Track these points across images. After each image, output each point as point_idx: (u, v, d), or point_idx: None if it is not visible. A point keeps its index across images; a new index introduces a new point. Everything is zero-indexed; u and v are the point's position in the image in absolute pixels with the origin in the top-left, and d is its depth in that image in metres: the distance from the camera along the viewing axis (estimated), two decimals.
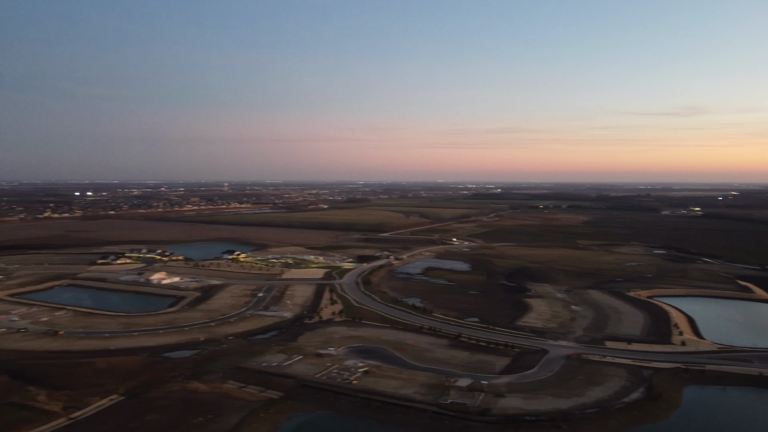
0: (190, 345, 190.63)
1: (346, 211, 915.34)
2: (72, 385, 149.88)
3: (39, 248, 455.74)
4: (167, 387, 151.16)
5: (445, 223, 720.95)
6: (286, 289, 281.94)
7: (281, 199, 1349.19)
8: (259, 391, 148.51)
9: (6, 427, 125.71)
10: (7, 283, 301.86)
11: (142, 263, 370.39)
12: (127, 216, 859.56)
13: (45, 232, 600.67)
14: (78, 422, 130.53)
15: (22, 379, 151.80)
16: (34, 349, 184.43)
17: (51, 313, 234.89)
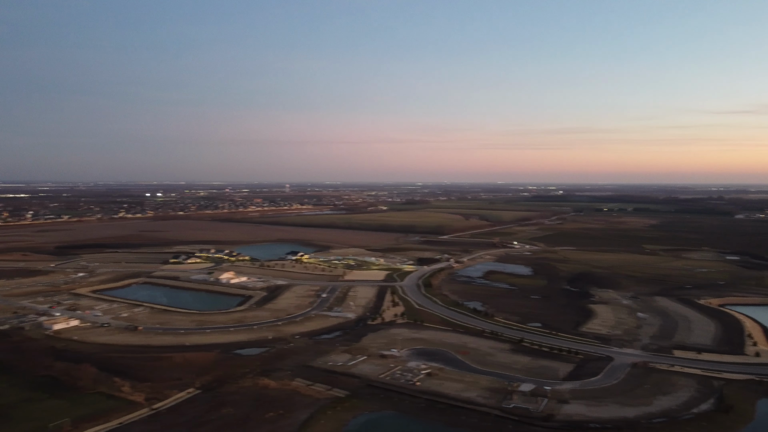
0: (259, 343, 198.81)
1: (406, 213, 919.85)
2: (153, 378, 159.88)
3: (116, 247, 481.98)
4: (239, 383, 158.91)
5: (505, 226, 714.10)
6: (349, 291, 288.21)
7: (341, 201, 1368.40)
8: (326, 389, 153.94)
9: (96, 414, 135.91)
10: (89, 280, 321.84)
11: (211, 263, 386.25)
12: (195, 216, 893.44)
13: (120, 231, 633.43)
14: (159, 413, 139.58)
15: (108, 370, 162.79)
16: (117, 343, 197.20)
17: (130, 309, 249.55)
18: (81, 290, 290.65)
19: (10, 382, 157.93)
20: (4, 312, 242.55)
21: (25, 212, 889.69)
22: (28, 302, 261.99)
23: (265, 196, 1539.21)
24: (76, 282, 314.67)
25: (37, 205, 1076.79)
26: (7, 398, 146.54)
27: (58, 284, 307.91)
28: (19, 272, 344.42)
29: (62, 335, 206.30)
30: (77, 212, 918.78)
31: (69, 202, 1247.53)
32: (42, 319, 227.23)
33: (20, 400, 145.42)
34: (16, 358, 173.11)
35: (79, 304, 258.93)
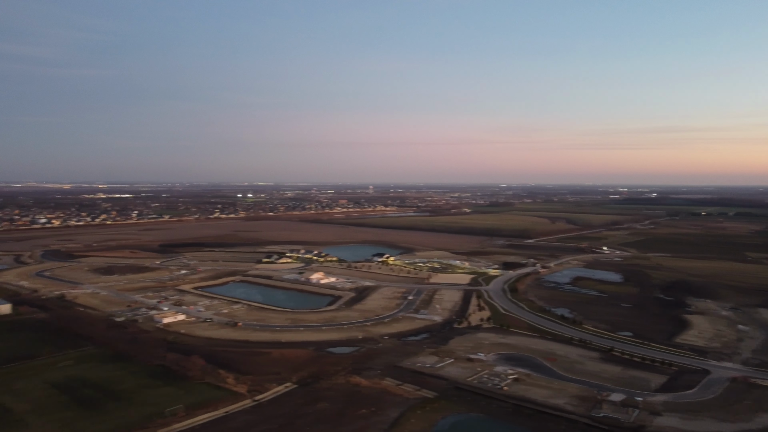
0: (349, 342, 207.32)
1: (490, 216, 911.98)
2: (254, 371, 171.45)
3: (213, 246, 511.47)
4: (333, 379, 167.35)
5: (594, 230, 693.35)
6: (435, 294, 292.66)
7: (424, 202, 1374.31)
8: (415, 390, 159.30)
9: (205, 403, 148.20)
10: (191, 277, 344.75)
11: (301, 263, 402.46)
12: (284, 217, 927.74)
13: (216, 231, 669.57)
14: (261, 404, 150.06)
15: (214, 362, 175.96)
16: (220, 337, 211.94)
17: (229, 306, 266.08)
18: (184, 287, 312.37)
19: (129, 369, 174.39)
20: (120, 305, 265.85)
21: (131, 212, 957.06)
22: (140, 297, 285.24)
23: (350, 198, 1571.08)
24: (179, 279, 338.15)
25: (140, 205, 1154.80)
26: (128, 384, 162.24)
27: (164, 280, 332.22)
28: (130, 268, 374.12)
29: (171, 328, 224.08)
30: (177, 212, 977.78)
31: (169, 202, 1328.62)
32: (152, 312, 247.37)
33: (139, 386, 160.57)
34: (133, 348, 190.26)
35: (184, 299, 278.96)
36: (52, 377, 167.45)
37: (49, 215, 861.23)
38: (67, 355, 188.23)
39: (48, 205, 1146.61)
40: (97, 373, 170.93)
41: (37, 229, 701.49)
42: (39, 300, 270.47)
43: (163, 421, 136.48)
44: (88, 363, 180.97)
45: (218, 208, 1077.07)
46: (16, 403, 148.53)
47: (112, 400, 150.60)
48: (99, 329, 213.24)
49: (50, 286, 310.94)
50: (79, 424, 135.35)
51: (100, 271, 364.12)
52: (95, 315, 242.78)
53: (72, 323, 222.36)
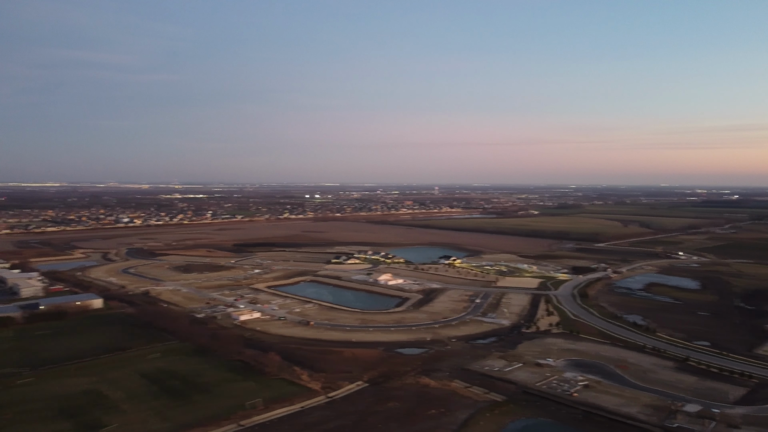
0: (418, 343, 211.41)
1: (558, 218, 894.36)
2: (327, 369, 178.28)
3: (283, 246, 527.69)
4: (402, 380, 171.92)
5: (669, 234, 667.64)
6: (502, 297, 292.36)
7: (490, 204, 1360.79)
8: (484, 393, 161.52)
9: (282, 397, 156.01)
10: (264, 276, 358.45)
11: (368, 264, 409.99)
12: (351, 218, 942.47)
13: (285, 231, 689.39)
14: (335, 401, 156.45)
15: (289, 359, 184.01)
16: (293, 336, 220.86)
17: (301, 305, 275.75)
18: (258, 285, 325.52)
19: (211, 363, 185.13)
20: (199, 302, 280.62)
21: (205, 212, 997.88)
22: (217, 294, 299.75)
23: (415, 199, 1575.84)
24: (253, 278, 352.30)
25: (214, 206, 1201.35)
26: (210, 377, 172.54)
27: (239, 279, 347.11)
28: (207, 267, 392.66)
29: (247, 325, 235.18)
30: (248, 212, 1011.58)
31: (240, 202, 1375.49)
32: (230, 310, 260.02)
33: (220, 380, 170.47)
34: (214, 344, 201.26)
35: (258, 298, 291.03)
36: (142, 368, 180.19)
37: (131, 214, 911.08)
38: (155, 348, 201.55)
39: (129, 204, 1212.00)
40: (182, 366, 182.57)
41: (121, 227, 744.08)
42: (126, 296, 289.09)
43: (244, 413, 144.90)
44: (174, 356, 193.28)
45: (287, 208, 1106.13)
46: (112, 390, 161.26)
47: (196, 391, 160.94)
48: (182, 325, 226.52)
49: (136, 283, 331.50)
50: (169, 412, 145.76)
51: (179, 269, 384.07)
52: (177, 311, 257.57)
53: (157, 318, 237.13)
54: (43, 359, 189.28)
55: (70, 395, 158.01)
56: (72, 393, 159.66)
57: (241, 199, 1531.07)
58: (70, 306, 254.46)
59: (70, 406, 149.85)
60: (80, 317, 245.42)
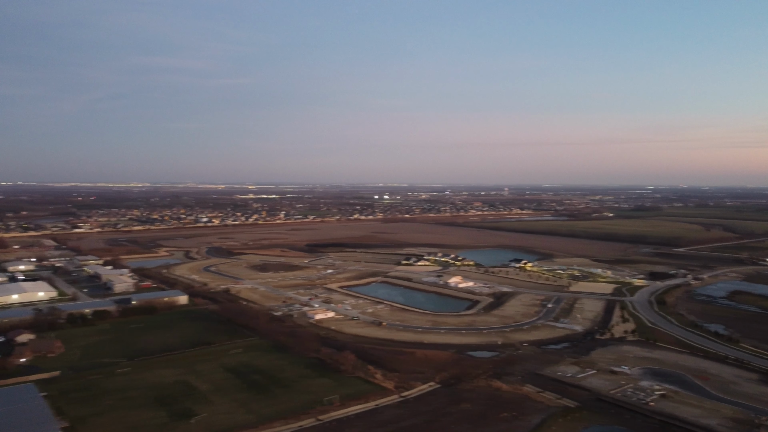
0: (489, 347, 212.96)
1: (635, 221, 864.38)
2: (400, 369, 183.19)
3: (354, 247, 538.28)
4: (474, 382, 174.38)
5: (757, 239, 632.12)
6: (575, 303, 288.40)
7: (562, 206, 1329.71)
8: (556, 398, 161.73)
9: (357, 395, 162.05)
10: (336, 276, 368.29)
11: (438, 266, 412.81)
12: (419, 219, 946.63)
13: (356, 232, 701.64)
14: (408, 400, 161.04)
15: (363, 358, 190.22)
16: (366, 335, 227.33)
17: (373, 305, 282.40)
18: (331, 285, 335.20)
19: (289, 360, 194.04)
20: (276, 300, 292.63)
21: (278, 212, 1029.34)
22: (293, 293, 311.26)
23: (484, 200, 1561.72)
24: (326, 278, 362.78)
25: (286, 206, 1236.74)
26: (289, 373, 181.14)
27: (313, 279, 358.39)
28: (282, 266, 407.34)
29: (322, 324, 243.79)
30: (319, 213, 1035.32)
31: (311, 203, 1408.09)
32: (305, 309, 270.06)
33: (298, 376, 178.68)
34: (292, 341, 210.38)
35: (332, 297, 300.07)
36: (226, 362, 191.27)
37: (209, 214, 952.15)
38: (236, 343, 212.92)
39: (207, 205, 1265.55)
40: (262, 361, 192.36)
41: (200, 227, 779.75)
42: (209, 293, 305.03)
43: (321, 409, 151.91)
44: (254, 351, 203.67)
45: (357, 209, 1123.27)
46: (199, 382, 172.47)
47: (277, 386, 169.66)
48: (261, 322, 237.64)
49: (216, 281, 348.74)
50: (252, 405, 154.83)
51: (256, 268, 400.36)
52: (256, 309, 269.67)
53: (238, 315, 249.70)
54: (138, 350, 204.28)
55: (163, 385, 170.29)
56: (164, 383, 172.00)
57: (312, 200, 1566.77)
58: (159, 301, 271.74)
59: (163, 395, 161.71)
60: (168, 312, 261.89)
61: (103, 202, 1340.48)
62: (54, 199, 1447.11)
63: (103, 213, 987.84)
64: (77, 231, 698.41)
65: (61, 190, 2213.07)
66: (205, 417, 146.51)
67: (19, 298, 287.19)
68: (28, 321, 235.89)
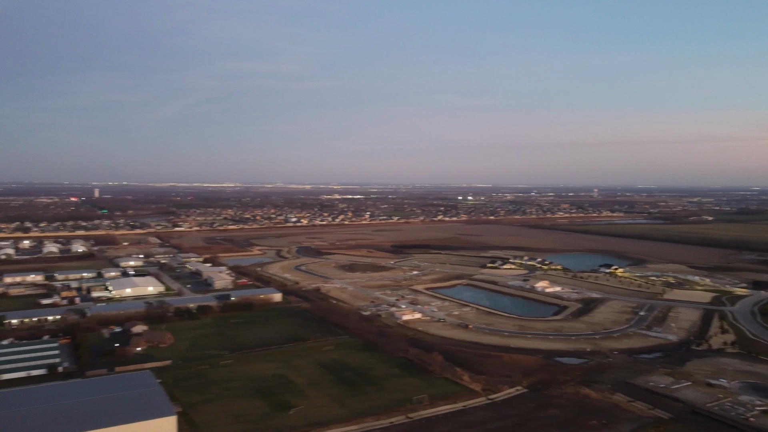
0: (577, 353, 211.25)
1: (737, 226, 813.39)
2: (487, 372, 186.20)
3: (439, 248, 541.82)
4: (562, 388, 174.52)
5: None
6: (669, 311, 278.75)
7: (656, 208, 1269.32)
8: (648, 408, 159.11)
9: (445, 395, 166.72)
10: (421, 278, 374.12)
11: (524, 270, 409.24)
12: (504, 221, 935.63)
13: (440, 233, 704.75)
14: (495, 403, 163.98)
15: (450, 360, 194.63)
16: (453, 337, 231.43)
17: (459, 308, 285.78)
18: (417, 287, 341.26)
19: (379, 358, 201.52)
20: (364, 300, 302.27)
21: (363, 213, 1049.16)
22: (380, 294, 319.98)
23: (572, 202, 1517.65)
24: (412, 279, 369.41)
25: (371, 207, 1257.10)
26: (379, 371, 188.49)
27: (399, 280, 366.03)
28: (369, 267, 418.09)
29: (409, 325, 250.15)
30: (403, 214, 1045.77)
31: (395, 203, 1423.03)
32: (392, 309, 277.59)
33: (388, 375, 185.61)
34: (381, 340, 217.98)
35: (418, 299, 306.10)
36: (319, 358, 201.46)
37: (298, 214, 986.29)
38: (329, 341, 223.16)
39: (295, 205, 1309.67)
40: (353, 359, 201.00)
41: (290, 227, 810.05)
42: (301, 291, 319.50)
43: (411, 407, 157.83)
44: (346, 349, 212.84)
45: (441, 210, 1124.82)
46: (296, 377, 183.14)
47: (368, 383, 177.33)
48: (352, 321, 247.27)
49: (307, 280, 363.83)
50: (346, 400, 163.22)
51: (344, 268, 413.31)
52: (346, 308, 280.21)
53: (329, 314, 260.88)
54: (238, 344, 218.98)
55: (262, 377, 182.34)
56: (264, 376, 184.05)
57: (396, 200, 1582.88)
58: (255, 298, 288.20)
59: (263, 387, 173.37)
60: (264, 309, 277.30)
61: (199, 202, 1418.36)
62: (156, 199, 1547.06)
63: (200, 212, 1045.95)
64: (178, 229, 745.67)
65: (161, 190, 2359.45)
66: (302, 409, 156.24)
67: (132, 292, 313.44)
68: (142, 313, 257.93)
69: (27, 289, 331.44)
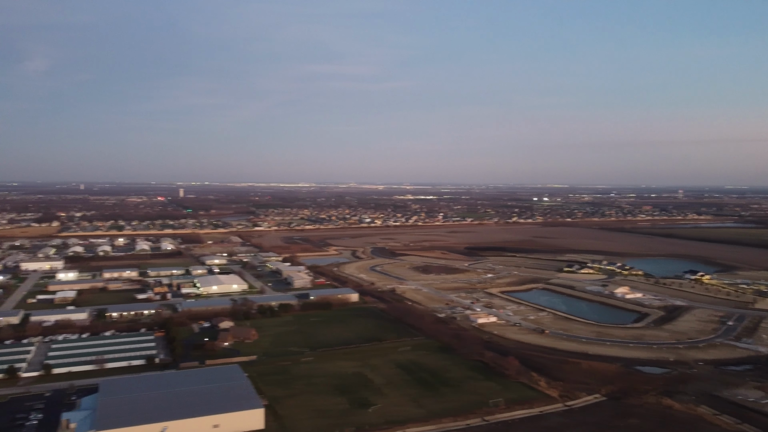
0: (659, 363, 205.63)
1: None
2: (564, 378, 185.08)
3: (513, 251, 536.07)
4: (643, 398, 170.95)
5: None
6: (761, 321, 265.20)
7: (748, 211, 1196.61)
8: (735, 423, 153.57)
9: (522, 400, 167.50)
10: (497, 281, 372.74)
11: (603, 274, 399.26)
12: (582, 224, 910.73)
13: (514, 236, 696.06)
14: (572, 410, 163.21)
15: (526, 365, 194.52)
16: (529, 342, 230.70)
17: (535, 312, 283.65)
18: (492, 290, 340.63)
19: (454, 361, 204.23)
20: (439, 302, 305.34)
21: (437, 214, 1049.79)
22: (454, 296, 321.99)
23: (655, 203, 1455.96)
24: (486, 282, 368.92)
25: (444, 208, 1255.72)
26: (455, 373, 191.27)
27: (473, 282, 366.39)
28: (443, 269, 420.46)
29: (485, 328, 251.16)
30: (477, 215, 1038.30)
31: (469, 204, 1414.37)
32: (467, 312, 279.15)
33: (463, 377, 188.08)
34: (456, 343, 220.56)
35: (493, 302, 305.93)
36: (396, 359, 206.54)
37: (371, 215, 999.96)
38: (405, 341, 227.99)
39: (369, 205, 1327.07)
40: (429, 360, 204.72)
41: (364, 227, 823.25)
42: (376, 292, 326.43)
43: (487, 410, 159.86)
44: (421, 351, 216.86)
45: (515, 212, 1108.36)
46: (374, 376, 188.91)
47: (443, 385, 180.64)
48: (427, 323, 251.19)
49: (383, 281, 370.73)
50: (422, 400, 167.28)
51: (418, 270, 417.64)
52: (421, 310, 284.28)
53: (405, 315, 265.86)
54: (318, 342, 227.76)
55: (342, 375, 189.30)
56: (343, 373, 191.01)
57: (469, 201, 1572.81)
58: (333, 298, 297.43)
59: (343, 385, 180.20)
60: (342, 308, 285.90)
61: (276, 202, 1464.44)
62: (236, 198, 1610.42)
63: (277, 212, 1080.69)
64: (257, 229, 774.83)
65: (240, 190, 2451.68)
66: (380, 407, 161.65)
67: (218, 289, 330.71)
68: (228, 310, 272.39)
69: (123, 284, 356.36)
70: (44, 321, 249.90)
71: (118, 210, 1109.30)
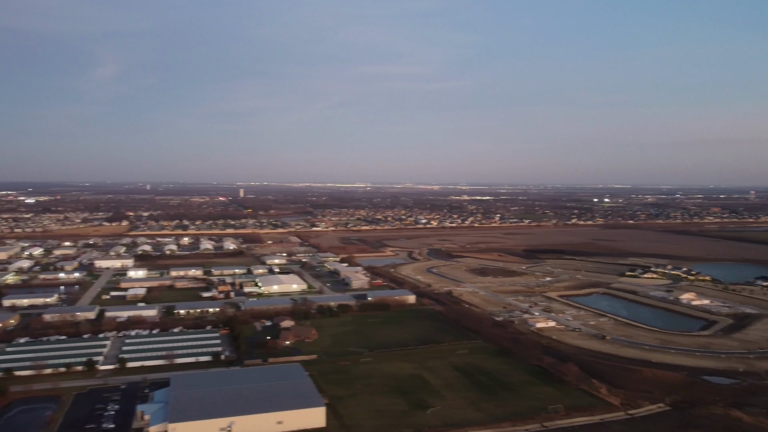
0: (727, 373, 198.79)
1: None
2: (625, 386, 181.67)
3: (572, 254, 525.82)
4: (709, 409, 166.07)
5: None
6: None
7: None
8: None
9: (582, 407, 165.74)
10: (555, 285, 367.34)
11: (667, 279, 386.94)
12: (645, 226, 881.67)
13: (573, 238, 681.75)
14: (634, 418, 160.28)
15: (586, 371, 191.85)
16: (589, 348, 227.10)
17: (596, 318, 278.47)
18: (551, 294, 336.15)
19: (513, 365, 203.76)
20: (496, 305, 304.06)
21: (493, 215, 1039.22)
22: (512, 299, 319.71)
23: (724, 205, 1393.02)
24: (545, 285, 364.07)
25: (501, 209, 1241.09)
26: (513, 378, 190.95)
27: (531, 286, 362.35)
28: (500, 271, 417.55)
29: (543, 333, 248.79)
30: (535, 216, 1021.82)
31: (526, 205, 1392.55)
32: (525, 316, 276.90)
33: (522, 382, 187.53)
34: (515, 347, 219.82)
35: (552, 307, 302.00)
36: (454, 361, 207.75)
37: (427, 216, 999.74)
38: (462, 344, 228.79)
39: (424, 206, 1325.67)
40: (487, 364, 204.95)
41: (420, 228, 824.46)
42: (433, 294, 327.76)
43: (546, 416, 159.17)
44: (479, 354, 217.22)
45: (575, 214, 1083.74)
46: (431, 378, 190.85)
47: (502, 389, 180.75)
48: (485, 326, 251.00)
49: (439, 282, 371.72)
50: (481, 404, 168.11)
51: (475, 272, 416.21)
52: (479, 313, 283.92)
53: (462, 318, 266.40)
54: (376, 343, 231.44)
55: (400, 376, 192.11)
56: (401, 375, 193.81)
57: (526, 202, 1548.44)
58: (391, 299, 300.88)
59: (401, 386, 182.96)
60: (399, 310, 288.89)
61: (333, 202, 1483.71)
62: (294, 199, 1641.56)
63: (334, 213, 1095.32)
64: (315, 229, 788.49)
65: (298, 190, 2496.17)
66: (439, 410, 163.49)
67: (279, 288, 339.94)
68: (288, 309, 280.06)
69: (189, 282, 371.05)
70: (118, 317, 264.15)
71: (182, 210, 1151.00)
